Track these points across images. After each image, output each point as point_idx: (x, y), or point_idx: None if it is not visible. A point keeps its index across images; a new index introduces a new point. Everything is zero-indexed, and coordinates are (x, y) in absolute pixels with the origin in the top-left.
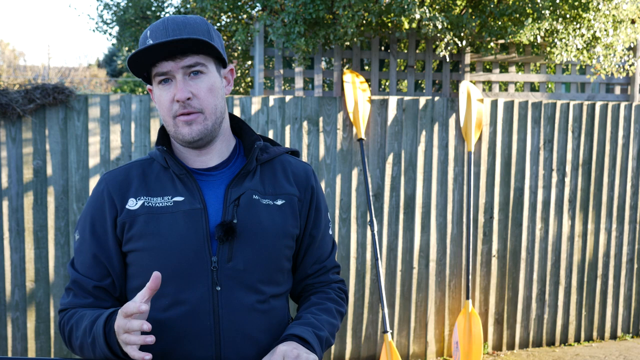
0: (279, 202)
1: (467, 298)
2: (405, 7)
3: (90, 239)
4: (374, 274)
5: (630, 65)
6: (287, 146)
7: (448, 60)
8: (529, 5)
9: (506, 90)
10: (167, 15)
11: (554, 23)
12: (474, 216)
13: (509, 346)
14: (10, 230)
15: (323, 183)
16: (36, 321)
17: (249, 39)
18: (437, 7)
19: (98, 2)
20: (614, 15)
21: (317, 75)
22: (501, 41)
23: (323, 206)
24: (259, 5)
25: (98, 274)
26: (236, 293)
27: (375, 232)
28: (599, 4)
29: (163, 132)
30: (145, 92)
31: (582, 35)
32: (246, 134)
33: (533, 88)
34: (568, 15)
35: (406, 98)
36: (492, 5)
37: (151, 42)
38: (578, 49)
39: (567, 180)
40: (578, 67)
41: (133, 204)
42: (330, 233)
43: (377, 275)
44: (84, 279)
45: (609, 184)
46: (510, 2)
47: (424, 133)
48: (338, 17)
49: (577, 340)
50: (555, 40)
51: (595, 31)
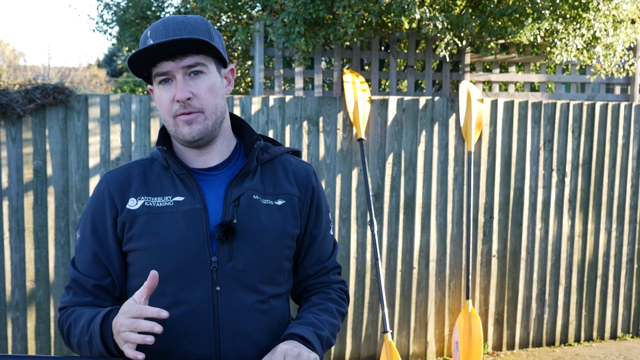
0: (279, 202)
1: (467, 298)
2: (405, 7)
3: (91, 239)
4: (374, 274)
5: (630, 65)
6: (287, 146)
7: (448, 60)
8: (529, 5)
9: (506, 90)
10: (168, 15)
11: (554, 23)
12: (474, 216)
13: (509, 346)
14: (10, 230)
15: (323, 183)
16: (36, 321)
17: (249, 39)
18: (437, 7)
19: (98, 2)
20: (614, 15)
21: (317, 75)
22: (501, 41)
23: (324, 206)
24: (259, 5)
25: (98, 273)
26: (236, 293)
27: (375, 232)
28: (599, 4)
29: (164, 132)
30: (145, 92)
31: (582, 35)
32: (247, 133)
33: (533, 88)
34: (568, 15)
35: (406, 98)
36: (492, 5)
37: (151, 42)
38: (578, 49)
39: (567, 180)
40: (578, 67)
41: (133, 203)
42: (331, 233)
43: (377, 275)
44: (84, 278)
45: (609, 184)
46: (510, 2)
47: (424, 133)
48: (338, 17)
49: (577, 340)
50: (555, 40)
51: (595, 31)
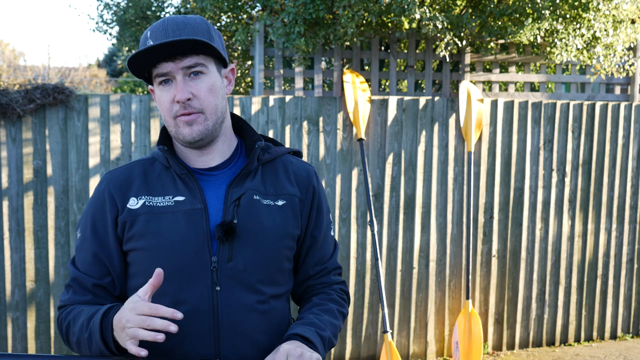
0: (279, 203)
1: (467, 298)
2: (405, 7)
3: (91, 238)
4: (374, 274)
5: (630, 65)
6: (287, 146)
7: (448, 60)
8: (529, 5)
9: (506, 90)
10: (167, 15)
11: (554, 23)
12: (474, 216)
13: (509, 346)
14: (10, 230)
15: (323, 183)
16: (36, 321)
17: (249, 39)
18: (437, 7)
19: (98, 2)
20: (614, 15)
21: (317, 75)
22: (501, 41)
23: (325, 207)
24: (259, 5)
25: (98, 272)
26: (236, 293)
27: (375, 232)
28: (599, 4)
29: (165, 132)
30: (145, 92)
31: (582, 35)
32: (248, 133)
33: (533, 88)
34: (568, 15)
35: (406, 98)
36: (492, 5)
37: (151, 43)
38: (578, 49)
39: (567, 180)
40: (578, 67)
41: (134, 203)
42: (332, 234)
43: (377, 275)
44: (84, 277)
45: (609, 184)
46: (510, 2)
47: (424, 133)
48: (338, 17)
49: (577, 340)
50: (555, 40)
51: (595, 31)
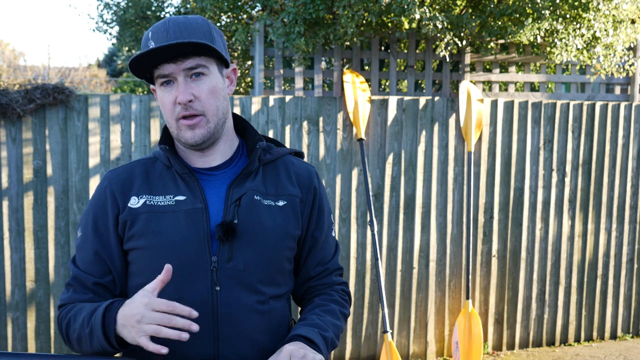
0: (280, 203)
1: (467, 298)
2: (405, 7)
3: (92, 236)
4: (374, 274)
5: (630, 65)
6: (287, 146)
7: (448, 60)
8: (529, 5)
9: (506, 90)
10: (168, 15)
11: (554, 23)
12: (474, 216)
13: (509, 346)
14: (10, 230)
15: (323, 183)
16: (36, 321)
17: (249, 39)
18: (437, 7)
19: (98, 2)
20: (614, 15)
21: (317, 75)
22: (501, 41)
23: (326, 208)
24: (259, 5)
25: (99, 270)
26: (236, 293)
27: (375, 232)
28: (599, 4)
29: (166, 131)
30: (145, 92)
31: (582, 35)
32: (249, 134)
33: (533, 88)
34: (568, 15)
35: (406, 98)
36: (492, 5)
37: (152, 45)
38: (578, 49)
39: (567, 180)
40: (578, 67)
41: (135, 202)
42: (333, 235)
43: (377, 275)
44: (84, 275)
45: (609, 184)
46: (510, 2)
47: (424, 133)
48: (338, 17)
49: (577, 340)
50: (555, 40)
51: (595, 31)
